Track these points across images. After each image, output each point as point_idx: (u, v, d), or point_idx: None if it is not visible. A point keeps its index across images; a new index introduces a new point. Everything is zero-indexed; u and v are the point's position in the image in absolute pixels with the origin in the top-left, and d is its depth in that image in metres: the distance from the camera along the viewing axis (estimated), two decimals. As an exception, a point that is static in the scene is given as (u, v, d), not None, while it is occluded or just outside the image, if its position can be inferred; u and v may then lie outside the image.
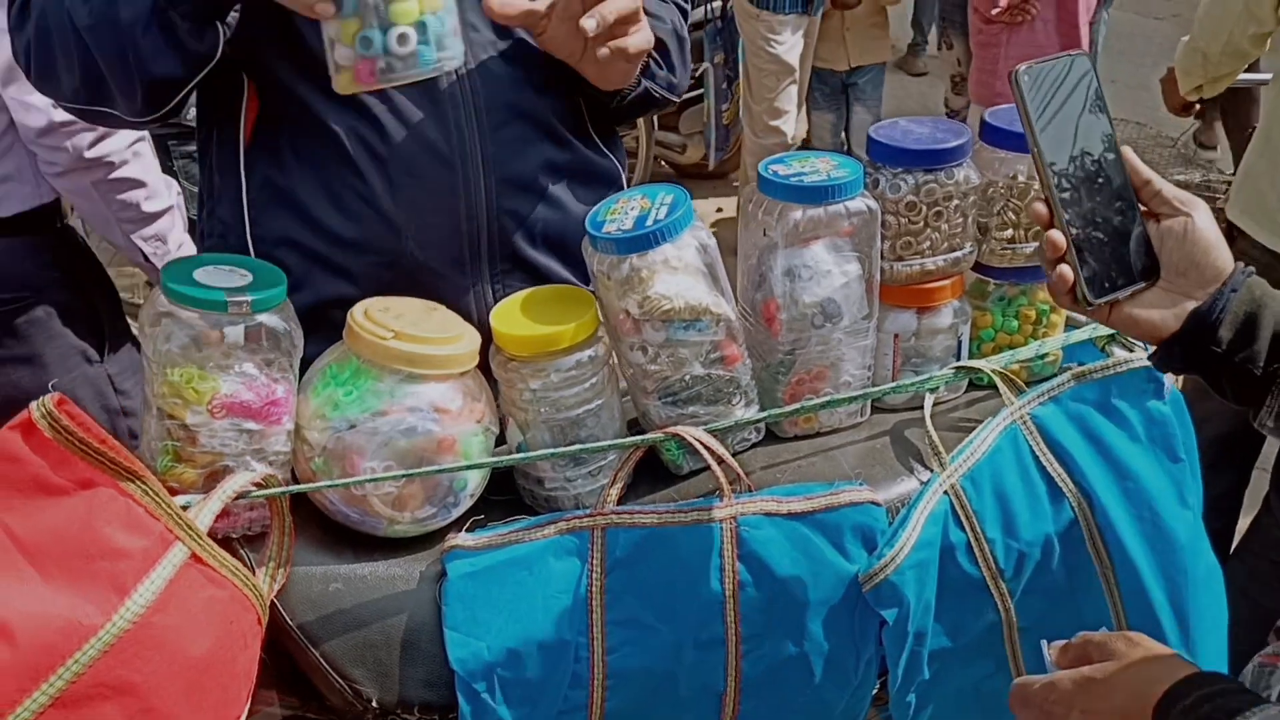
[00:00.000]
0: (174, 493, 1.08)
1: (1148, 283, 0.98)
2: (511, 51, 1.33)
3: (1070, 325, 1.38)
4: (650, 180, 4.92)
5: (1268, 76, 2.92)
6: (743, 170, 4.62)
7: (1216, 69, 2.37)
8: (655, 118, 4.81)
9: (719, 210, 5.08)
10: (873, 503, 1.20)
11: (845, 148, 4.56)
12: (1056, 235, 0.96)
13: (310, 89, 1.26)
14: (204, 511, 0.96)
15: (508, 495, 1.25)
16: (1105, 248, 0.97)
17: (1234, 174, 3.70)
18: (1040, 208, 0.98)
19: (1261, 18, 2.21)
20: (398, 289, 1.23)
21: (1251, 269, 0.98)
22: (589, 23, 1.17)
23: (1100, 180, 0.97)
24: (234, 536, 1.10)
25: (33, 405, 0.87)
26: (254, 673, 0.98)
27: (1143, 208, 0.99)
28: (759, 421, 1.24)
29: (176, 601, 0.90)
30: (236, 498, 1.00)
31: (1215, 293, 0.96)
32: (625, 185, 1.47)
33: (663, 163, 5.22)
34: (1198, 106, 2.70)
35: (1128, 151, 0.98)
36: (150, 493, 0.91)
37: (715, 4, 4.75)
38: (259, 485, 1.03)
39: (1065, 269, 0.97)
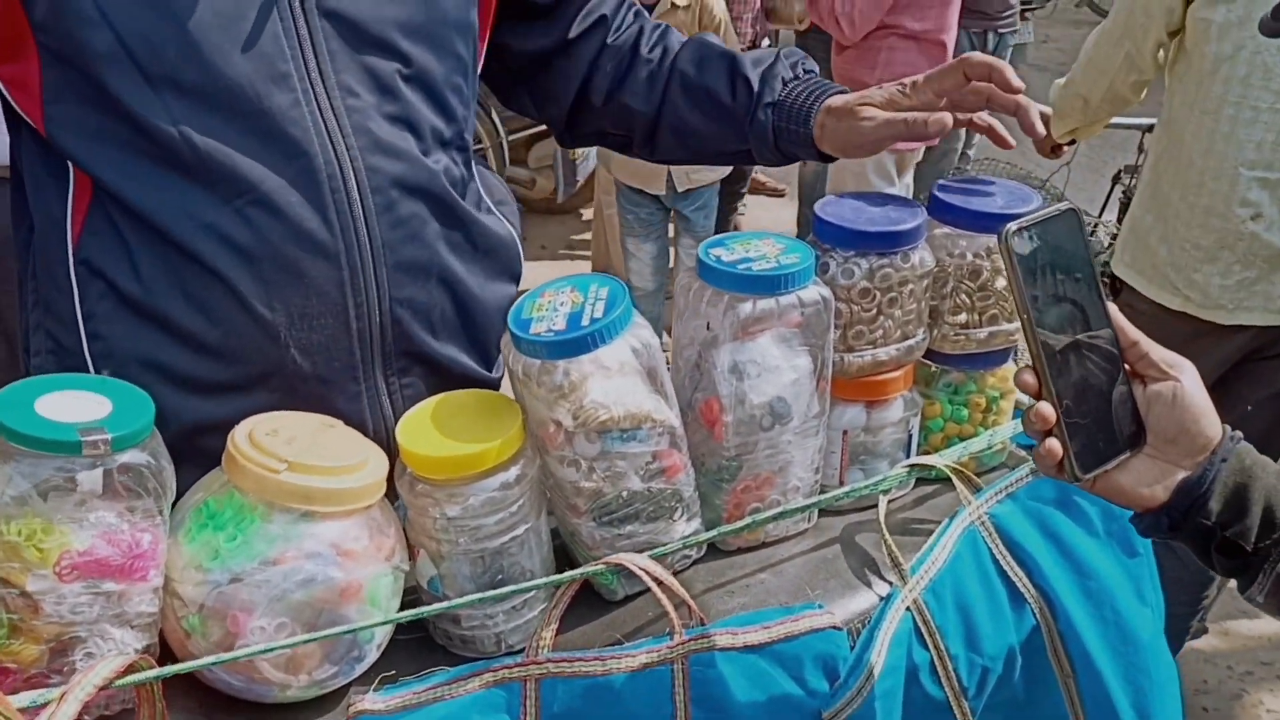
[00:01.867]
0: (8, 674, 0.87)
1: (1133, 450, 0.90)
2: (400, 115, 1.14)
3: (1018, 410, 1.29)
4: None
5: (1147, 121, 2.96)
6: (596, 206, 4.49)
7: (1095, 114, 2.36)
8: (506, 153, 4.64)
9: (566, 246, 4.95)
10: (834, 628, 1.07)
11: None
12: (1046, 409, 0.88)
13: (146, 168, 1.05)
14: (60, 717, 0.76)
15: (416, 634, 1.07)
16: (1093, 417, 0.89)
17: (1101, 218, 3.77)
18: (1029, 377, 0.88)
19: (1143, 67, 2.20)
20: (279, 405, 1.04)
21: (1239, 434, 0.91)
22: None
23: (1089, 344, 0.89)
24: (88, 718, 0.90)
25: None
26: None
27: (1127, 367, 0.91)
28: (706, 540, 1.10)
29: None
30: (100, 689, 0.80)
31: (1205, 462, 0.90)
32: (521, 248, 1.31)
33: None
34: (1065, 149, 2.70)
35: (1115, 311, 0.90)
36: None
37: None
38: (127, 669, 0.83)
39: (1054, 443, 0.89)
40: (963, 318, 1.20)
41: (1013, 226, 0.86)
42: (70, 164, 1.06)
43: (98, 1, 1.00)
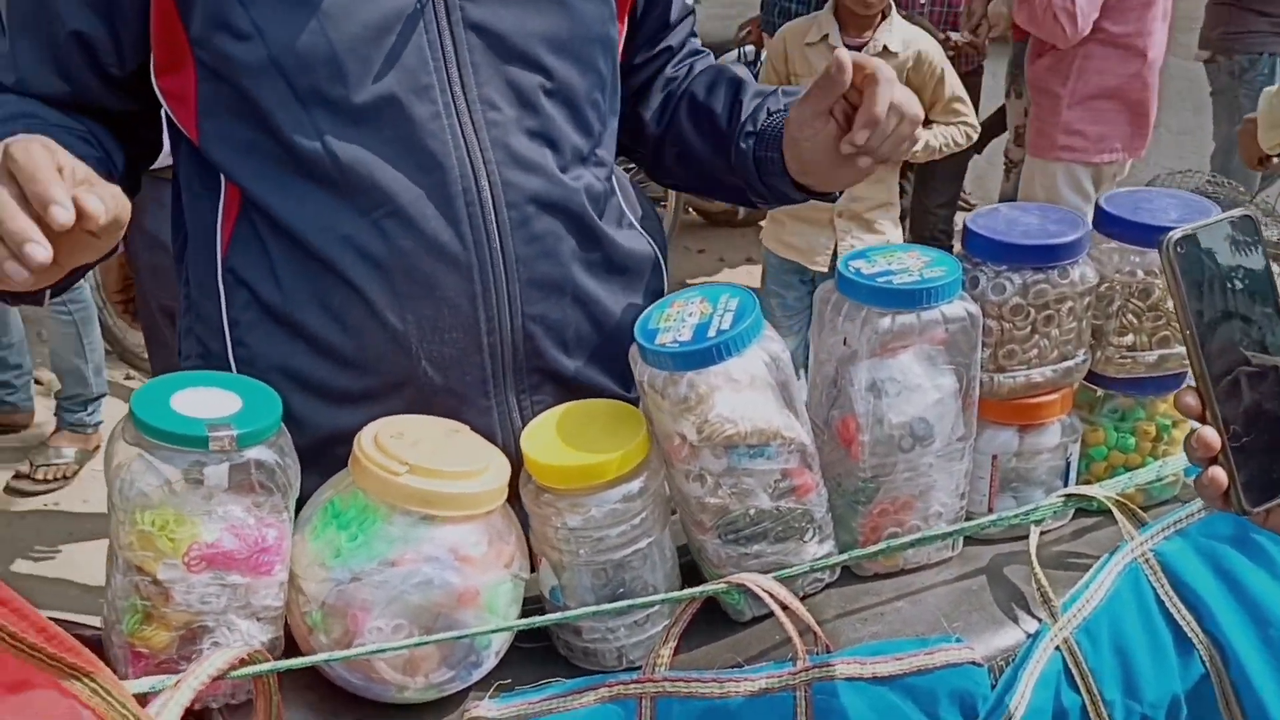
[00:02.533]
0: (141, 659, 0.91)
1: None
2: (539, 130, 1.14)
3: (1193, 441, 1.19)
4: (678, 230, 4.75)
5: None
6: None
7: None
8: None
9: (748, 260, 4.91)
10: (974, 663, 1.00)
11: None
12: (1210, 434, 0.79)
13: (289, 180, 1.07)
14: (169, 707, 0.78)
15: (537, 643, 1.06)
16: (1265, 445, 0.80)
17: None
18: (1191, 399, 0.80)
19: None
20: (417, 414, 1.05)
21: None
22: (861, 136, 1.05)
23: (1262, 365, 0.80)
24: (214, 706, 0.92)
25: None
26: None
27: None
28: (837, 564, 1.05)
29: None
30: (215, 679, 0.82)
31: None
32: (665, 265, 1.29)
33: (690, 210, 5.05)
34: (1275, 161, 2.51)
35: None
36: (100, 692, 0.73)
37: (749, 47, 4.60)
38: (243, 661, 0.85)
39: (1218, 472, 0.80)
40: (1130, 339, 1.11)
41: (1175, 234, 0.79)
42: (222, 176, 1.10)
43: (252, 16, 1.04)
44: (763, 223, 5.03)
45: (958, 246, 1.14)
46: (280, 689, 0.90)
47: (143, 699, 0.82)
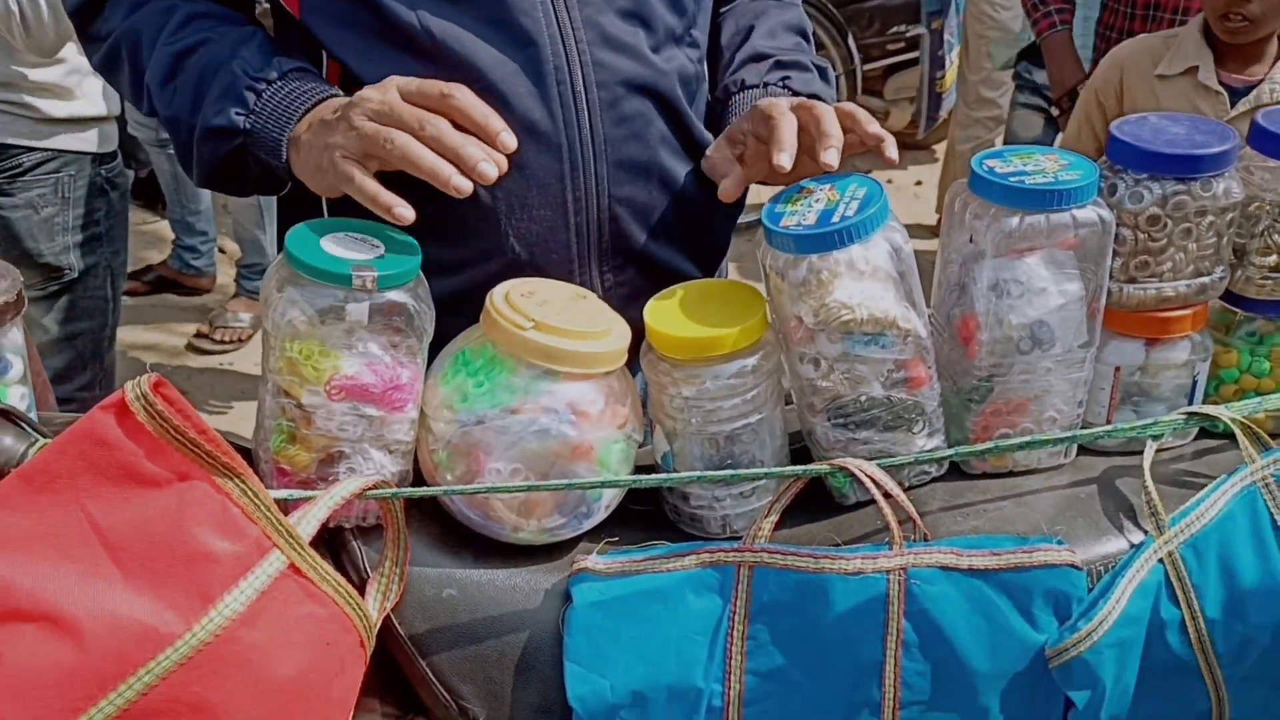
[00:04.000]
0: (285, 475, 1.00)
1: None
2: (633, 10, 1.15)
3: (1334, 372, 1.16)
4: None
5: None
6: (950, 144, 4.34)
7: None
8: (860, 82, 4.57)
9: (918, 183, 4.81)
10: (1073, 566, 1.01)
11: None
12: None
13: (384, 53, 1.12)
14: (308, 518, 0.86)
15: (647, 506, 1.12)
16: None
17: None
18: None
19: None
20: None
21: None
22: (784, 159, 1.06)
23: None
24: (346, 526, 1.01)
25: (127, 386, 0.78)
26: (352, 702, 0.89)
27: None
28: (945, 459, 1.07)
29: (268, 616, 0.80)
30: (348, 500, 0.90)
31: None
32: None
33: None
34: None
35: None
36: (249, 492, 0.82)
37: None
38: (374, 487, 0.93)
39: None
40: (1274, 259, 1.08)
41: None
42: (323, 53, 1.16)
43: None
44: (935, 144, 4.93)
45: None
46: (407, 517, 0.97)
47: (283, 508, 0.90)
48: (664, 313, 1.05)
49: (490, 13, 1.11)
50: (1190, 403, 1.14)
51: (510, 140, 1.02)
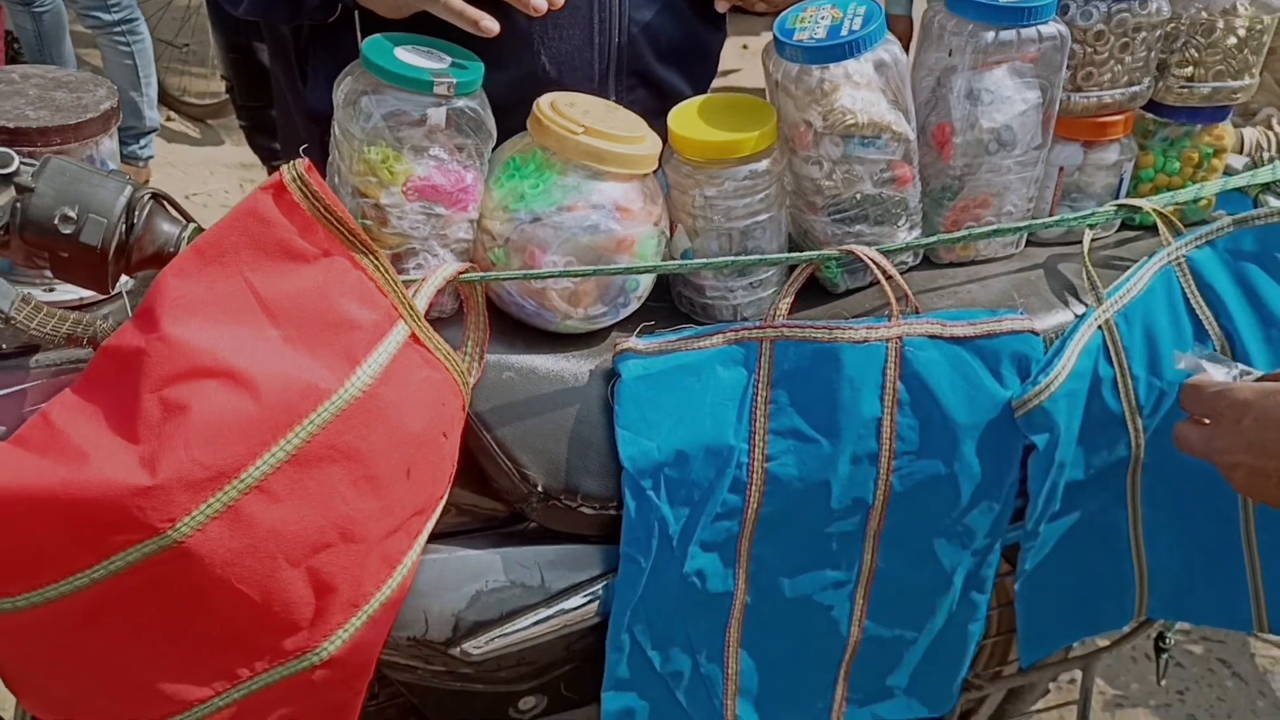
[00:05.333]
0: (360, 272, 1.09)
1: None
2: None
3: (1228, 171, 1.37)
4: None
5: None
6: None
7: None
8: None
9: None
10: (1032, 332, 1.21)
11: None
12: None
13: None
14: (422, 294, 0.97)
15: (663, 302, 1.26)
16: None
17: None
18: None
19: None
20: (529, 105, 1.17)
21: None
22: None
23: None
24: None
25: (285, 168, 0.87)
26: (456, 456, 1.01)
27: None
28: (927, 246, 1.24)
29: (397, 377, 0.92)
30: (448, 281, 1.01)
31: None
32: None
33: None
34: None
35: None
36: (381, 269, 0.92)
37: None
38: (464, 271, 1.04)
39: None
40: (1189, 71, 1.28)
41: None
42: None
43: None
44: None
45: None
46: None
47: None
48: (687, 121, 1.18)
49: None
50: (1118, 198, 1.33)
51: None
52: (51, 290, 0.96)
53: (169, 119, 4.15)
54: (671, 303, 1.26)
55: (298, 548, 0.87)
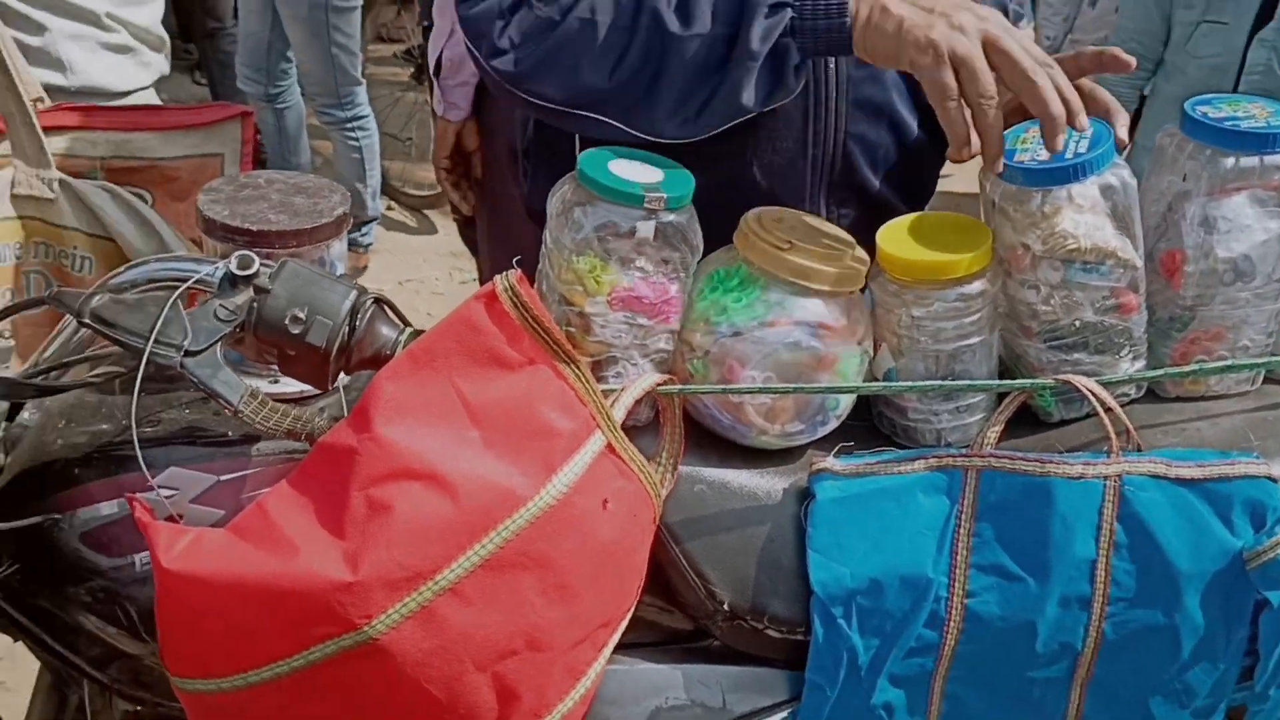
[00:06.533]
0: (562, 378, 1.10)
1: None
2: None
3: None
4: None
5: None
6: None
7: None
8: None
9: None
10: (1270, 478, 1.11)
11: None
12: None
13: None
14: (620, 404, 0.97)
15: (863, 421, 1.22)
16: None
17: None
18: None
19: None
20: (738, 212, 1.17)
21: None
22: None
23: None
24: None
25: (498, 279, 0.89)
26: (645, 568, 1.00)
27: None
28: (1152, 379, 1.17)
29: (592, 487, 0.91)
30: (646, 392, 1.01)
31: None
32: None
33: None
34: None
35: None
36: (582, 378, 0.93)
37: None
38: (663, 384, 1.03)
39: None
40: None
41: None
42: None
43: None
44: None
45: None
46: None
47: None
48: (896, 239, 1.15)
49: None
50: (1369, 337, 1.23)
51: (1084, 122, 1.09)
52: (275, 382, 1.00)
53: (389, 208, 4.38)
54: (872, 422, 1.22)
55: (485, 652, 0.87)
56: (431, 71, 1.79)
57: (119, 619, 0.99)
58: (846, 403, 1.16)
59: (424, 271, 4.07)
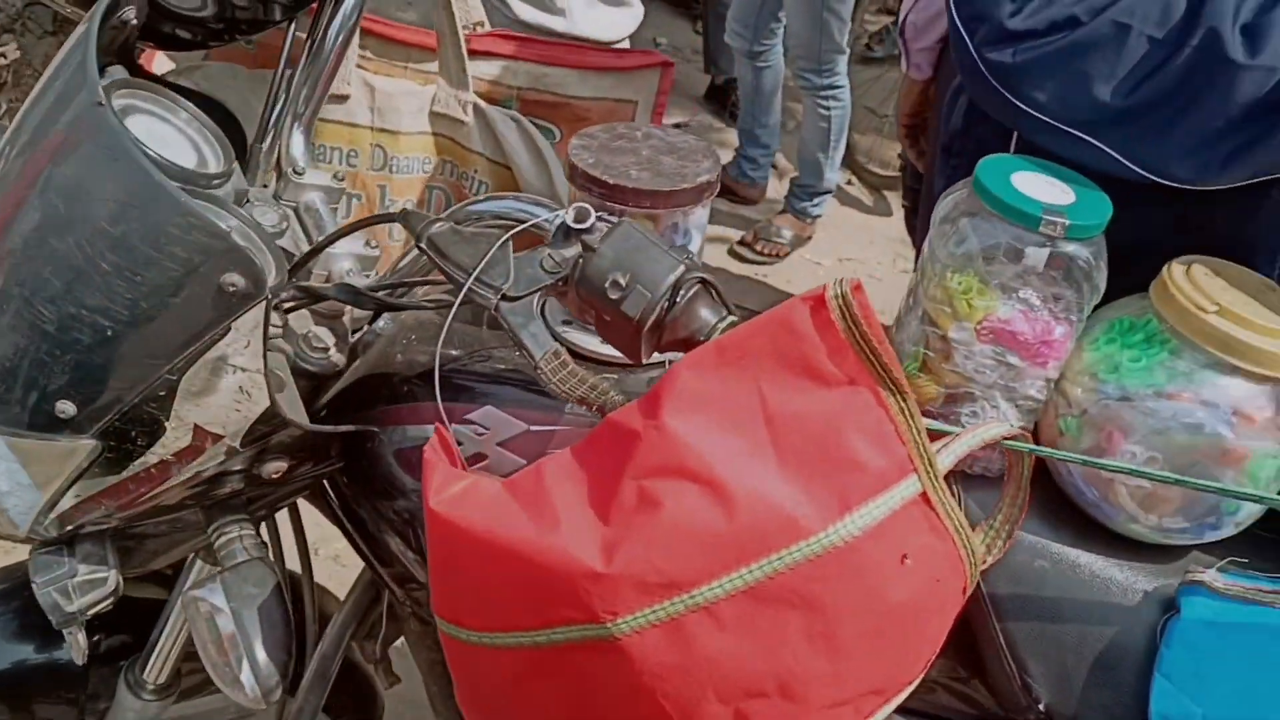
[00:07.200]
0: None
1: None
2: None
3: None
4: None
5: None
6: None
7: None
8: None
9: None
10: None
11: None
12: None
13: None
14: (950, 451, 0.85)
15: (1275, 533, 1.00)
16: None
17: None
18: None
19: None
20: (1162, 260, 0.97)
21: None
22: None
23: None
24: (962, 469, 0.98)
25: (830, 283, 0.80)
26: (941, 641, 0.87)
27: None
28: None
29: (892, 536, 0.80)
30: (985, 446, 0.87)
31: None
32: None
33: None
34: None
35: None
36: (906, 412, 0.81)
37: None
38: (1011, 438, 0.89)
39: None
40: None
41: None
42: None
43: None
44: None
45: None
46: (1034, 474, 0.93)
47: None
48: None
49: None
50: None
51: None
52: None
53: (849, 182, 4.30)
54: (1287, 536, 1.00)
55: (731, 685, 0.79)
56: (898, 31, 1.70)
57: (414, 543, 1.01)
58: (1250, 509, 0.95)
59: (868, 252, 3.97)
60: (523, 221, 0.87)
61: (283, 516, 1.16)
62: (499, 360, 1.02)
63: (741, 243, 3.80)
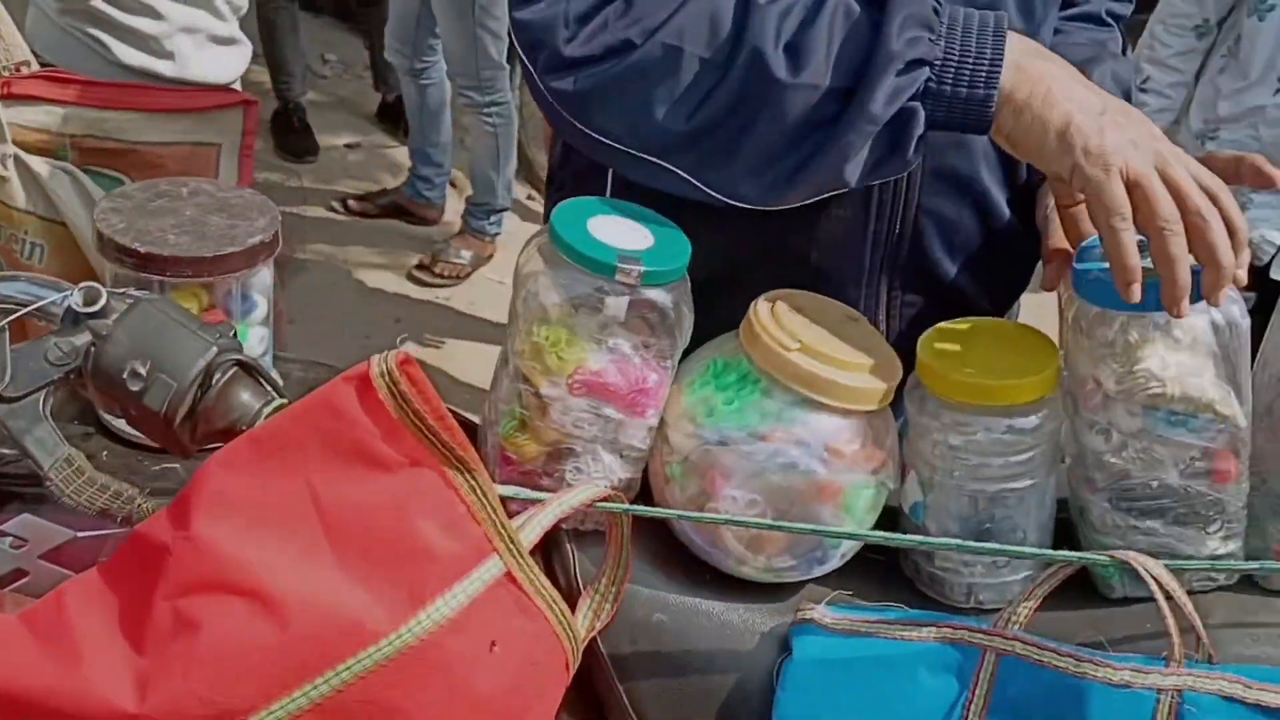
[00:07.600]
0: (509, 464, 0.93)
1: None
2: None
3: None
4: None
5: None
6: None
7: None
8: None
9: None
10: (1384, 718, 0.86)
11: None
12: None
13: None
14: (532, 525, 0.79)
15: (882, 556, 1.01)
16: None
17: None
18: None
19: None
20: (773, 289, 0.97)
21: None
22: None
23: None
24: (565, 528, 0.94)
25: (374, 360, 0.73)
26: None
27: None
28: (1245, 571, 0.93)
29: (477, 624, 0.74)
30: (575, 510, 0.83)
31: None
32: None
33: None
34: None
35: None
36: (478, 490, 0.75)
37: None
38: (606, 498, 0.85)
39: None
40: None
41: None
42: None
43: None
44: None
45: None
46: (633, 531, 0.90)
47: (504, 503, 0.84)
48: (942, 347, 0.94)
49: None
50: None
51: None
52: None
53: (529, 197, 4.28)
54: (895, 560, 1.01)
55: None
56: None
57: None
58: (853, 542, 0.96)
59: (551, 267, 3.95)
60: (24, 305, 0.75)
61: None
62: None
63: (419, 266, 3.70)
